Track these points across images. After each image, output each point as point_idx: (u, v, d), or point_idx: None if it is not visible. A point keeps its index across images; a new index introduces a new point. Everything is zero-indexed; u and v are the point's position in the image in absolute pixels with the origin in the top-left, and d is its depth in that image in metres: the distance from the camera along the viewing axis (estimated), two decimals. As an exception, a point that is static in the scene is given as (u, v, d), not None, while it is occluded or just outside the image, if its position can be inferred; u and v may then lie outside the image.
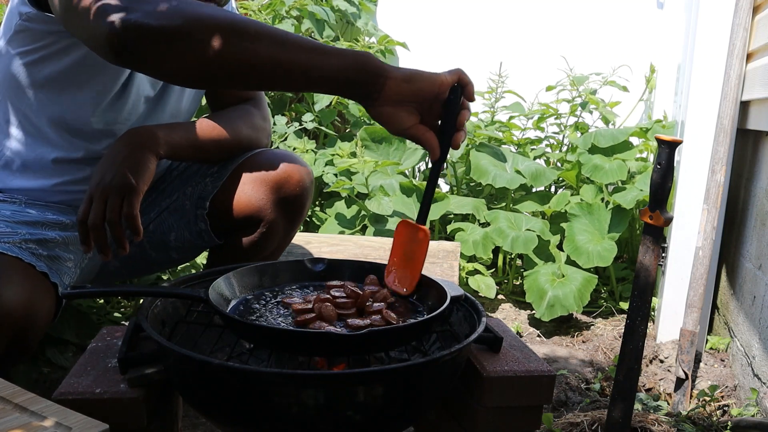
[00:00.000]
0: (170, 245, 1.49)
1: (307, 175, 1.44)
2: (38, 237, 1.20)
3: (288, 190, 1.41)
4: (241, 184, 1.40)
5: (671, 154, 1.10)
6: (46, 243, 1.21)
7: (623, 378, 1.16)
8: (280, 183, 1.40)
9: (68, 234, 1.28)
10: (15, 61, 1.24)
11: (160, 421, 1.05)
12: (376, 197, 2.46)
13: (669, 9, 3.19)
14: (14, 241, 1.14)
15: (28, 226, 1.22)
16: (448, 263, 2.08)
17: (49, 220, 1.27)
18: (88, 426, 0.71)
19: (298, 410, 0.88)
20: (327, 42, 3.10)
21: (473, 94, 1.05)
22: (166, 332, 1.03)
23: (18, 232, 1.17)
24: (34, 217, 1.25)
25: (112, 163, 1.18)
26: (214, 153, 1.40)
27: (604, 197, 2.54)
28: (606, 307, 2.44)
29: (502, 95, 3.07)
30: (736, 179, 2.12)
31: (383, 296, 1.06)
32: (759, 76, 1.83)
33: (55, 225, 1.27)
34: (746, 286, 1.92)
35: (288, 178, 1.41)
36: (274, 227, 1.43)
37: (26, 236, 1.17)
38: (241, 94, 1.50)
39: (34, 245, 1.17)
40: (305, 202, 1.46)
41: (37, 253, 1.16)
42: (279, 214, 1.42)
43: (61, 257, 1.23)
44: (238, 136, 1.41)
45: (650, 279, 1.13)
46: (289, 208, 1.43)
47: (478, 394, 1.04)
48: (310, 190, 1.47)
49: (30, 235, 1.18)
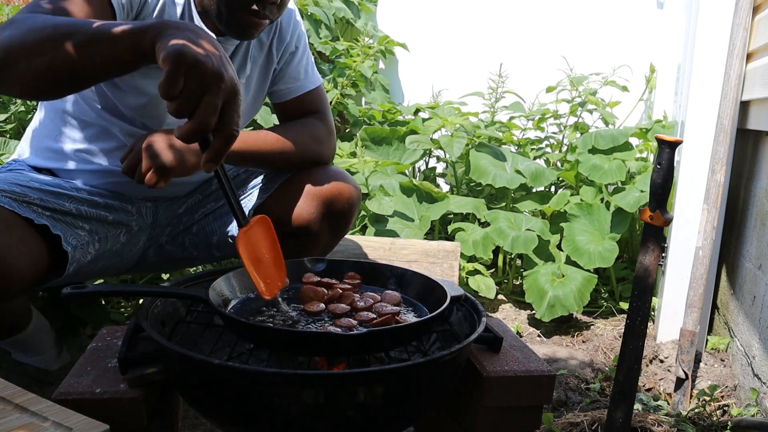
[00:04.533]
0: (212, 245, 1.55)
1: (356, 193, 1.49)
2: (47, 204, 1.26)
3: (338, 207, 1.46)
4: (294, 196, 1.44)
5: (671, 154, 1.10)
6: (55, 210, 1.27)
7: (623, 378, 1.16)
8: (332, 199, 1.45)
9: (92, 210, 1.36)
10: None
11: (160, 421, 1.05)
12: (376, 197, 2.46)
13: (669, 9, 3.19)
14: (17, 199, 1.21)
15: (47, 195, 1.29)
16: (448, 263, 2.08)
17: (78, 196, 1.35)
18: (88, 426, 0.71)
19: (298, 410, 0.88)
20: (326, 42, 3.10)
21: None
22: (166, 332, 1.03)
23: (28, 196, 1.24)
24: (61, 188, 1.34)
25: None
26: (278, 163, 1.44)
27: (604, 197, 2.54)
28: (606, 307, 2.44)
29: (502, 95, 3.07)
30: (736, 179, 2.12)
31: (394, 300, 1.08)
32: (759, 76, 1.83)
33: (83, 201, 1.35)
34: (746, 286, 1.92)
35: (339, 195, 1.45)
36: (318, 239, 1.48)
37: (34, 200, 1.24)
38: (307, 106, 1.54)
39: (37, 207, 1.24)
40: (351, 218, 1.51)
41: (38, 212, 1.22)
42: (326, 228, 1.47)
43: (71, 224, 1.29)
44: (303, 148, 1.45)
45: (650, 279, 1.13)
46: (337, 223, 1.48)
47: (478, 394, 1.05)
48: (357, 207, 1.52)
49: (40, 201, 1.25)
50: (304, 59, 1.54)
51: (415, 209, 2.53)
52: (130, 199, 1.47)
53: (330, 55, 3.15)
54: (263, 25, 1.31)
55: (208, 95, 0.86)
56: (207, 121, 0.87)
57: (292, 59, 1.51)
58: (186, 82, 0.85)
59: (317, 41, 3.08)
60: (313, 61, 1.59)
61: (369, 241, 2.15)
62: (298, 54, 1.52)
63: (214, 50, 0.90)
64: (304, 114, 1.53)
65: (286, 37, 1.49)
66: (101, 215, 1.38)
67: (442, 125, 2.76)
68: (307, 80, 1.54)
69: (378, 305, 1.06)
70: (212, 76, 0.86)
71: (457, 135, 2.69)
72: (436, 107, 3.00)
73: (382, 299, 1.09)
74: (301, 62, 1.53)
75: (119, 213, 1.43)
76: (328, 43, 3.10)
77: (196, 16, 1.34)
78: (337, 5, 3.18)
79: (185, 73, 0.85)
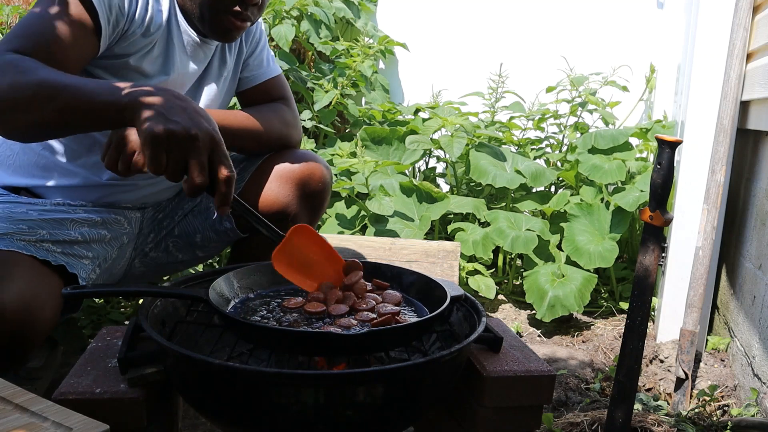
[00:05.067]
0: (196, 245, 1.55)
1: (327, 172, 1.53)
2: (57, 237, 1.24)
3: (312, 187, 1.49)
4: (268, 182, 1.46)
5: (671, 154, 1.10)
6: (64, 243, 1.25)
7: (623, 378, 1.16)
8: (305, 180, 1.48)
9: (93, 232, 1.33)
10: None
11: (160, 421, 1.05)
12: (376, 197, 2.46)
13: (669, 9, 3.19)
14: (30, 239, 1.18)
15: (51, 225, 1.26)
16: (448, 263, 2.08)
17: (79, 218, 1.33)
18: (89, 426, 0.71)
19: (298, 410, 0.88)
20: (326, 42, 3.10)
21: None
22: (166, 332, 1.03)
23: (38, 232, 1.22)
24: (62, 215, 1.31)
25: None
26: (247, 142, 1.45)
27: (604, 197, 2.54)
28: (606, 307, 2.44)
29: (502, 95, 3.07)
30: (736, 179, 2.12)
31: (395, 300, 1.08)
32: (759, 76, 1.83)
33: (84, 222, 1.33)
34: (746, 286, 1.92)
35: (311, 174, 1.49)
36: (297, 221, 1.48)
37: (44, 236, 1.22)
38: (272, 93, 1.57)
39: (49, 244, 1.21)
40: (326, 196, 1.55)
41: (50, 250, 1.20)
42: (303, 208, 1.50)
43: (79, 254, 1.27)
44: (271, 128, 1.48)
45: (650, 279, 1.13)
46: (313, 203, 1.51)
47: (478, 394, 1.04)
48: (330, 185, 1.56)
49: (50, 235, 1.23)
50: (265, 48, 1.58)
51: (415, 209, 2.53)
52: (122, 210, 1.43)
53: (330, 55, 3.15)
54: (245, 28, 1.33)
55: (191, 157, 0.96)
56: (200, 180, 0.97)
57: (257, 47, 1.55)
58: (168, 157, 0.96)
59: (317, 41, 3.08)
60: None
61: (369, 241, 2.15)
62: (261, 42, 1.56)
63: (183, 110, 0.98)
64: (270, 101, 1.55)
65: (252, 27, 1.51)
66: (101, 235, 1.35)
67: (442, 125, 2.76)
68: (270, 68, 1.57)
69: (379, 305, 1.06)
70: (187, 140, 0.96)
71: (457, 135, 2.69)
72: (436, 107, 3.00)
73: (383, 299, 1.09)
74: (264, 50, 1.57)
75: (114, 228, 1.40)
76: (328, 43, 3.10)
77: (181, 20, 1.34)
78: (337, 5, 3.18)
79: (165, 150, 0.95)
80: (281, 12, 3.01)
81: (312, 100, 2.94)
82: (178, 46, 1.35)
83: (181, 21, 1.35)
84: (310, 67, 3.24)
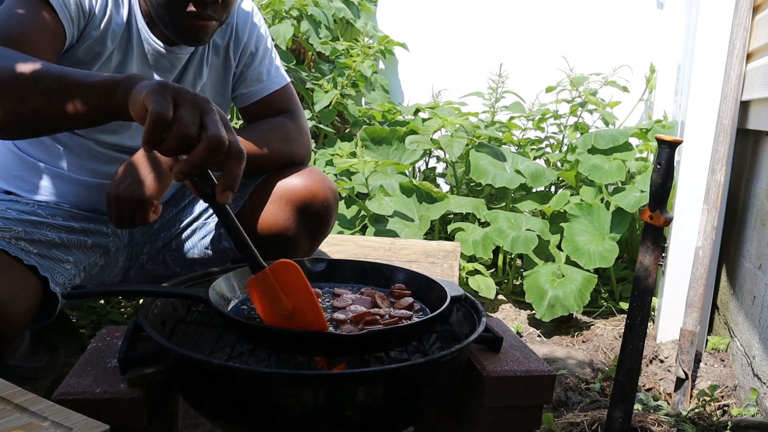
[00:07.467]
0: (194, 261, 1.50)
1: (331, 194, 1.42)
2: (33, 237, 1.21)
3: (313, 209, 1.39)
4: (267, 203, 1.39)
5: (671, 154, 1.10)
6: (41, 243, 1.22)
7: (623, 378, 1.16)
8: (306, 202, 1.38)
9: (72, 237, 1.30)
10: None
11: (160, 421, 1.05)
12: (376, 197, 2.46)
13: (669, 9, 3.19)
14: (4, 236, 1.15)
15: (28, 225, 1.23)
16: (448, 263, 2.08)
17: (56, 223, 1.29)
18: (89, 426, 0.71)
19: (298, 410, 0.88)
20: (326, 42, 3.10)
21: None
22: (166, 332, 1.03)
23: (13, 229, 1.18)
24: (38, 216, 1.28)
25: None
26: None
27: (604, 197, 2.54)
28: (606, 307, 2.44)
29: (502, 95, 3.07)
30: (736, 179, 2.12)
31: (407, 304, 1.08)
32: (759, 76, 1.83)
33: (61, 228, 1.29)
34: (746, 286, 1.92)
35: (313, 197, 1.39)
36: (297, 245, 1.43)
37: (20, 234, 1.19)
38: (273, 108, 1.49)
39: (25, 243, 1.18)
40: (329, 220, 1.44)
41: (26, 249, 1.17)
42: (303, 233, 1.41)
43: (57, 258, 1.24)
44: (270, 148, 1.38)
45: (650, 279, 1.13)
46: (314, 227, 1.42)
47: (478, 394, 1.04)
48: (335, 208, 1.45)
49: (25, 233, 1.20)
50: (266, 60, 1.49)
51: (415, 209, 2.53)
52: (105, 220, 1.40)
53: (330, 55, 3.15)
54: (211, 27, 1.27)
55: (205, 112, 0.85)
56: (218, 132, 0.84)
57: (252, 61, 1.47)
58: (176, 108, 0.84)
59: (317, 41, 3.08)
60: (280, 63, 1.54)
61: (369, 241, 2.16)
62: (259, 55, 1.47)
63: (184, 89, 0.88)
64: (271, 116, 1.48)
65: (242, 38, 1.44)
66: (81, 240, 1.31)
67: (442, 125, 2.76)
68: (271, 81, 1.49)
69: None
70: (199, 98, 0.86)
71: (457, 135, 2.69)
72: (436, 107, 3.00)
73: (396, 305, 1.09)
74: (262, 63, 1.48)
75: (96, 236, 1.37)
76: (327, 43, 3.10)
77: (143, 28, 1.31)
78: (337, 5, 3.18)
79: (173, 99, 0.84)
80: (281, 12, 3.01)
81: (312, 101, 2.94)
82: (138, 55, 1.31)
83: (143, 29, 1.30)
84: (309, 67, 3.24)
